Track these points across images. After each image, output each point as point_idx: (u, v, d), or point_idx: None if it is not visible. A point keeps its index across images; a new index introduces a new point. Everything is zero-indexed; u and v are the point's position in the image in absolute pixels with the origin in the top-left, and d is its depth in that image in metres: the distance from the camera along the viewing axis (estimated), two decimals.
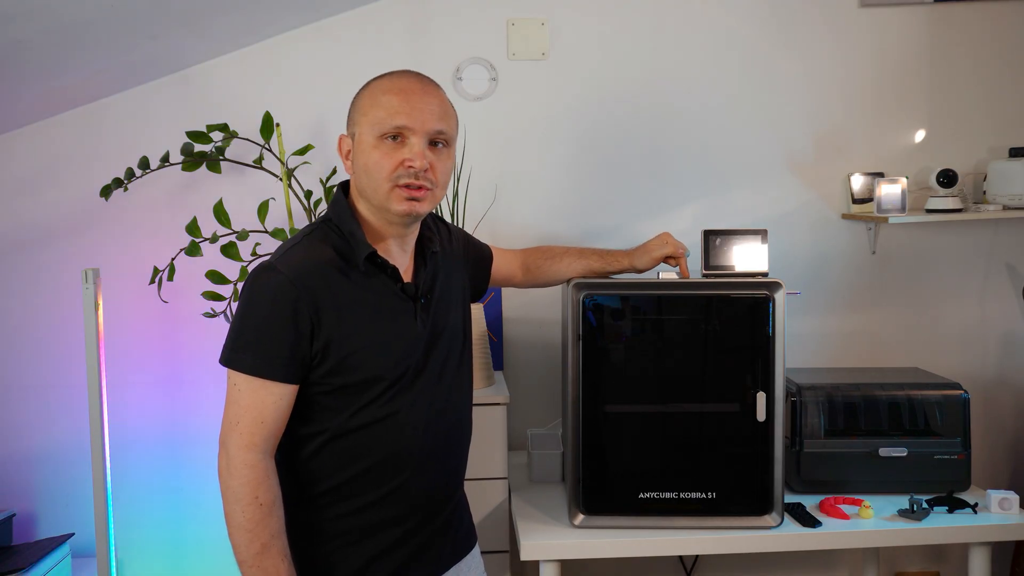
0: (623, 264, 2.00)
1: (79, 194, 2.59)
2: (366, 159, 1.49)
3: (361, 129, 1.50)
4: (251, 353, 1.44)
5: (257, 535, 1.43)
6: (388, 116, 1.47)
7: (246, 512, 1.43)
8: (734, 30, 2.67)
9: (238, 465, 1.44)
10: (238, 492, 1.43)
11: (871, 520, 2.09)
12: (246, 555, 1.44)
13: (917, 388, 2.29)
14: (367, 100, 1.51)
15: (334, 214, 1.54)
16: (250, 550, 1.43)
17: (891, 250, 2.73)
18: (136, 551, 2.66)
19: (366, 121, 1.49)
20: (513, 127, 2.66)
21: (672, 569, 2.72)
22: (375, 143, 1.48)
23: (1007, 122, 2.72)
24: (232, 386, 1.47)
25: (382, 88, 1.51)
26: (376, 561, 1.52)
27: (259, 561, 1.43)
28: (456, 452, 1.64)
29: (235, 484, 1.44)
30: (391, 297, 1.52)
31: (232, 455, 1.44)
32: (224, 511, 1.46)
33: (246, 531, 1.43)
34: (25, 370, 2.63)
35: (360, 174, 1.51)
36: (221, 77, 2.61)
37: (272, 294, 1.44)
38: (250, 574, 1.44)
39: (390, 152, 1.47)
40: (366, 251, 1.49)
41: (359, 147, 1.50)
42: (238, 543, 1.44)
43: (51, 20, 1.96)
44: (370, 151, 1.48)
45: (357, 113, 1.52)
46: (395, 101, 1.48)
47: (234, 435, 1.45)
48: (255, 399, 1.44)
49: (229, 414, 1.47)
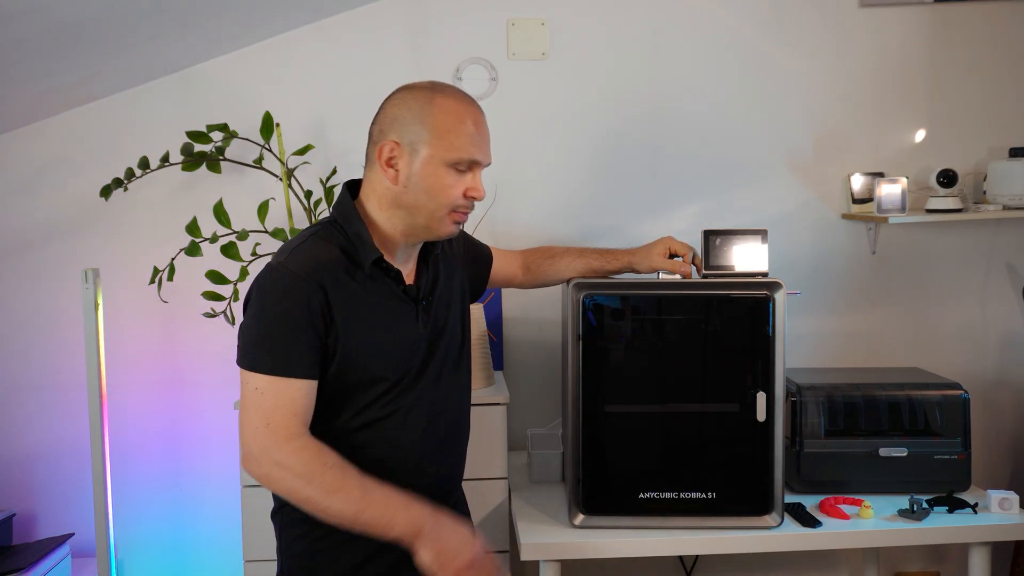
0: (623, 263, 2.00)
1: (79, 194, 2.59)
2: (432, 181, 1.47)
3: (432, 150, 1.47)
4: (271, 353, 1.42)
5: (347, 488, 1.39)
6: (469, 146, 1.48)
7: (324, 481, 1.38)
8: (734, 30, 2.67)
9: (289, 456, 1.39)
10: (305, 472, 1.38)
11: (871, 520, 2.09)
12: (354, 509, 1.39)
13: (917, 388, 2.29)
14: (443, 119, 1.47)
15: (339, 215, 1.54)
16: (352, 504, 1.39)
17: (891, 250, 2.73)
18: (136, 551, 2.66)
19: (441, 144, 1.47)
20: (513, 127, 2.66)
21: (672, 569, 2.72)
22: (446, 168, 1.47)
23: (1007, 122, 2.71)
24: (253, 390, 1.42)
25: (459, 113, 1.48)
26: (372, 559, 1.52)
27: (367, 501, 1.39)
28: (454, 452, 1.64)
29: (298, 471, 1.38)
30: (394, 299, 1.52)
31: (276, 456, 1.39)
32: (304, 502, 1.40)
33: (338, 493, 1.38)
34: (25, 370, 2.63)
35: (416, 191, 1.48)
36: (221, 77, 2.61)
37: (285, 292, 1.43)
38: (371, 517, 1.39)
39: (458, 180, 1.49)
40: (373, 255, 1.48)
41: (424, 165, 1.47)
42: (339, 510, 1.39)
43: (51, 20, 1.96)
44: (441, 175, 1.47)
45: (425, 129, 1.47)
46: (474, 133, 1.49)
47: (267, 436, 1.40)
48: (282, 398, 1.41)
49: (254, 419, 1.41)
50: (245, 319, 1.47)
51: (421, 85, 1.52)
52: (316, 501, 1.40)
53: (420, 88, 1.51)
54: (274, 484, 1.42)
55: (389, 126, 1.50)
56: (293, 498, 1.42)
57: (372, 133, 1.53)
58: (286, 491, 1.42)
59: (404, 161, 1.48)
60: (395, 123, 1.49)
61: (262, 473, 1.41)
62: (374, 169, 1.52)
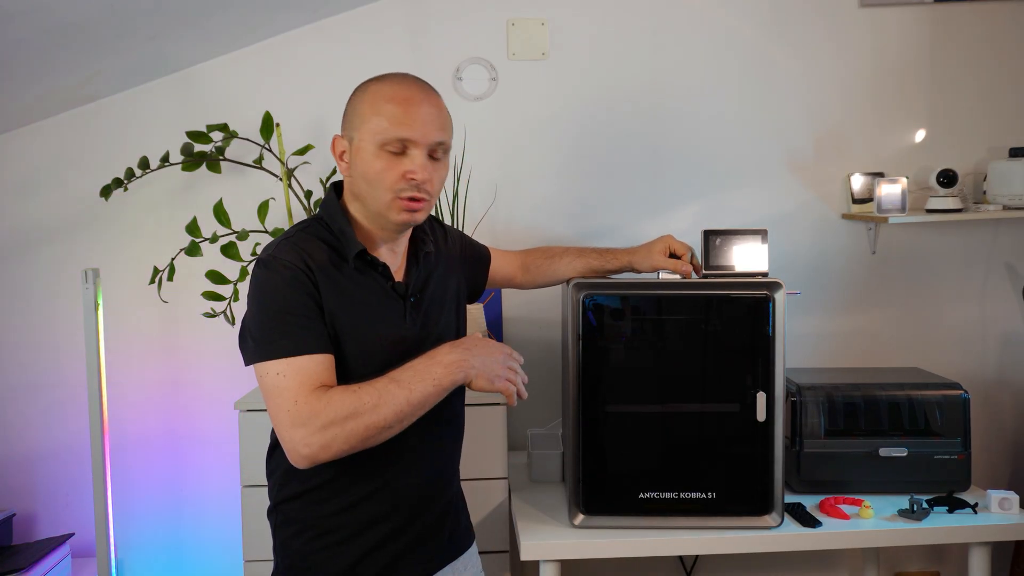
0: (623, 262, 2.00)
1: (79, 194, 2.60)
2: (366, 168, 1.47)
3: (360, 136, 1.47)
4: (283, 338, 1.40)
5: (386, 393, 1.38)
6: (391, 127, 1.45)
7: (365, 402, 1.37)
8: (734, 30, 2.67)
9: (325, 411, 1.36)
10: (348, 411, 1.36)
11: (871, 520, 2.09)
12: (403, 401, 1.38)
13: (917, 388, 2.29)
14: (367, 106, 1.48)
15: (325, 212, 1.55)
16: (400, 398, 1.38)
17: (891, 250, 2.73)
18: (136, 551, 2.66)
19: (367, 128, 1.46)
20: (513, 127, 2.66)
21: (672, 569, 2.72)
22: (376, 152, 1.46)
23: (1007, 122, 2.72)
24: (275, 376, 1.39)
25: (383, 95, 1.48)
26: (366, 558, 1.52)
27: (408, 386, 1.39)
28: (447, 450, 1.64)
29: (341, 414, 1.36)
30: (381, 295, 1.52)
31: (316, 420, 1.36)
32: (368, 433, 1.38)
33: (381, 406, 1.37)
34: (25, 370, 2.64)
35: (359, 180, 1.49)
36: (221, 77, 2.61)
37: (283, 280, 1.43)
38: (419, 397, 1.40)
39: (392, 163, 1.46)
40: (356, 249, 1.49)
41: (358, 153, 1.48)
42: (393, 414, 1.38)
43: (51, 20, 1.96)
44: (371, 160, 1.46)
45: (356, 118, 1.49)
46: (397, 111, 1.45)
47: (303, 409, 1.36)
48: (304, 374, 1.38)
49: (283, 404, 1.38)
50: (247, 316, 1.46)
51: (370, 78, 1.54)
52: (373, 423, 1.37)
53: (366, 80, 1.54)
54: (335, 444, 1.38)
55: (342, 122, 1.54)
56: (357, 441, 1.38)
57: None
58: (347, 438, 1.38)
59: (348, 152, 1.50)
60: (343, 118, 1.53)
61: (318, 446, 1.37)
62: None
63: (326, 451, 1.38)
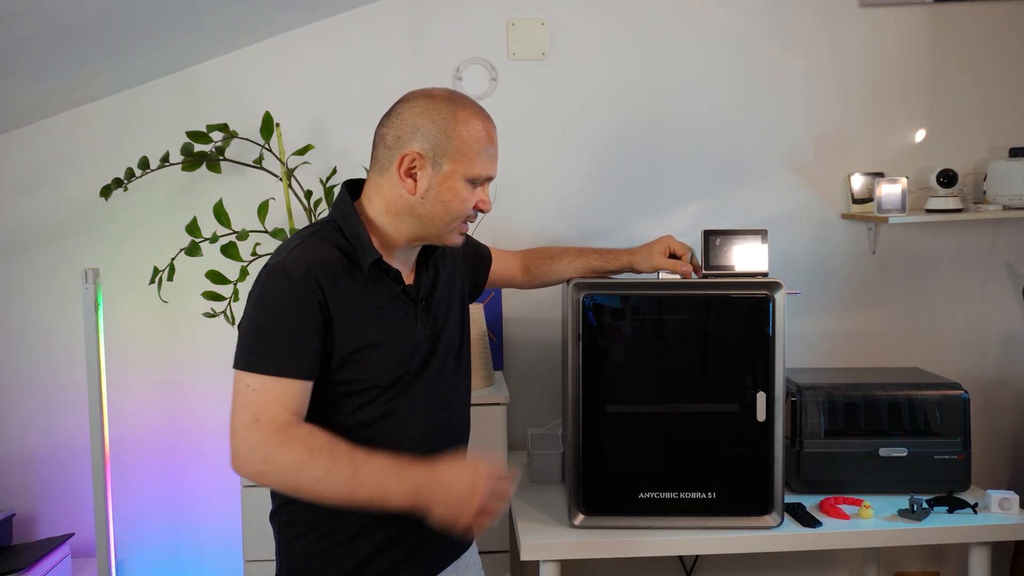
0: (623, 262, 2.00)
1: (79, 194, 2.59)
2: (452, 196, 1.49)
3: (455, 166, 1.48)
4: (270, 354, 1.41)
5: (338, 469, 1.36)
6: (487, 164, 1.52)
7: (313, 469, 1.36)
8: (734, 30, 2.67)
9: (275, 449, 1.37)
10: (292, 464, 1.36)
11: (871, 520, 2.09)
12: (347, 490, 1.37)
13: (917, 388, 2.29)
14: (467, 136, 1.48)
15: (339, 215, 1.53)
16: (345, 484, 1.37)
17: (891, 250, 2.73)
18: (136, 551, 2.66)
19: (464, 161, 1.48)
20: (513, 127, 2.65)
21: (672, 569, 2.72)
22: (464, 184, 1.50)
23: (1007, 122, 2.71)
24: (245, 387, 1.41)
25: (480, 133, 1.50)
26: (371, 559, 1.52)
27: (359, 479, 1.37)
28: (453, 452, 1.64)
29: (285, 463, 1.36)
30: (393, 299, 1.52)
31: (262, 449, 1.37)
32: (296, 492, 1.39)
33: (327, 479, 1.36)
34: (25, 370, 2.63)
35: (433, 204, 1.50)
36: (221, 77, 2.61)
37: (282, 292, 1.43)
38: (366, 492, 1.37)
39: (472, 195, 1.52)
40: (372, 257, 1.48)
41: (445, 179, 1.49)
42: (333, 494, 1.37)
43: (51, 20, 1.96)
44: (459, 189, 1.50)
45: (451, 147, 1.48)
46: (491, 152, 1.53)
47: (256, 432, 1.38)
48: (273, 394, 1.39)
49: (243, 416, 1.39)
50: (243, 319, 1.47)
51: (441, 95, 1.51)
52: (308, 490, 1.38)
53: (441, 99, 1.50)
54: (265, 479, 1.41)
55: (410, 136, 1.48)
56: (285, 490, 1.41)
57: (386, 137, 1.51)
58: (277, 484, 1.41)
59: (425, 173, 1.49)
60: (417, 133, 1.48)
61: (252, 471, 1.40)
62: (387, 175, 1.51)
63: (256, 480, 1.42)
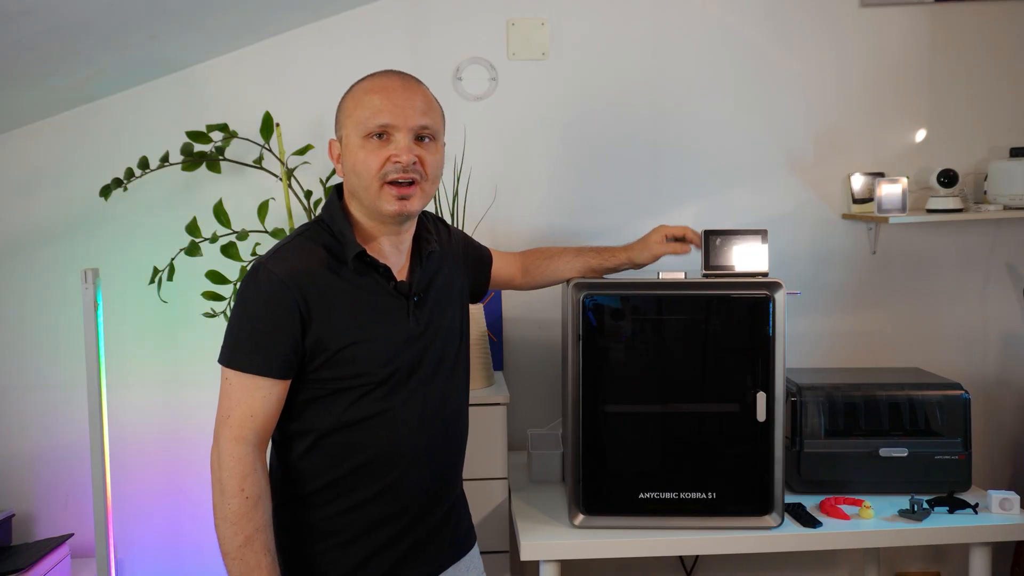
0: (621, 259, 1.99)
1: (79, 194, 2.59)
2: (353, 159, 1.51)
3: (347, 131, 1.52)
4: (244, 351, 1.47)
5: (241, 527, 1.44)
6: (372, 115, 1.49)
7: (231, 504, 1.44)
8: (734, 30, 2.67)
9: (226, 457, 1.45)
10: (225, 484, 1.45)
11: (871, 520, 2.08)
12: (230, 547, 1.45)
13: (917, 388, 2.29)
14: (351, 102, 1.54)
15: (327, 215, 1.57)
16: (234, 542, 1.44)
17: (891, 250, 2.73)
18: (136, 551, 2.66)
19: (351, 123, 1.52)
20: (513, 127, 2.66)
21: (672, 569, 2.72)
22: (361, 143, 1.50)
23: (1007, 122, 2.71)
24: (224, 380, 1.49)
25: (364, 89, 1.54)
26: (370, 560, 1.52)
27: (241, 554, 1.44)
28: (451, 451, 1.64)
29: (223, 476, 1.45)
30: (383, 295, 1.53)
31: (222, 448, 1.46)
32: (212, 502, 1.47)
33: (231, 523, 1.44)
34: (25, 370, 2.63)
35: (350, 175, 1.53)
36: (221, 77, 2.61)
37: (263, 293, 1.47)
38: (232, 566, 1.45)
39: (376, 150, 1.49)
40: (354, 251, 1.50)
41: (347, 149, 1.53)
42: (223, 535, 1.46)
43: (51, 20, 1.96)
44: (356, 151, 1.50)
45: (342, 116, 1.55)
46: (377, 100, 1.50)
47: (224, 429, 1.47)
48: (245, 394, 1.46)
49: (221, 409, 1.49)
50: (229, 317, 1.50)
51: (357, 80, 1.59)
52: (215, 511, 1.46)
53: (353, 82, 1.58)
54: (211, 471, 1.48)
55: (334, 126, 1.59)
56: (212, 491, 1.47)
57: None
58: (212, 482, 1.47)
59: (342, 153, 1.55)
60: (335, 122, 1.58)
61: (211, 457, 1.48)
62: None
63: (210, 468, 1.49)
